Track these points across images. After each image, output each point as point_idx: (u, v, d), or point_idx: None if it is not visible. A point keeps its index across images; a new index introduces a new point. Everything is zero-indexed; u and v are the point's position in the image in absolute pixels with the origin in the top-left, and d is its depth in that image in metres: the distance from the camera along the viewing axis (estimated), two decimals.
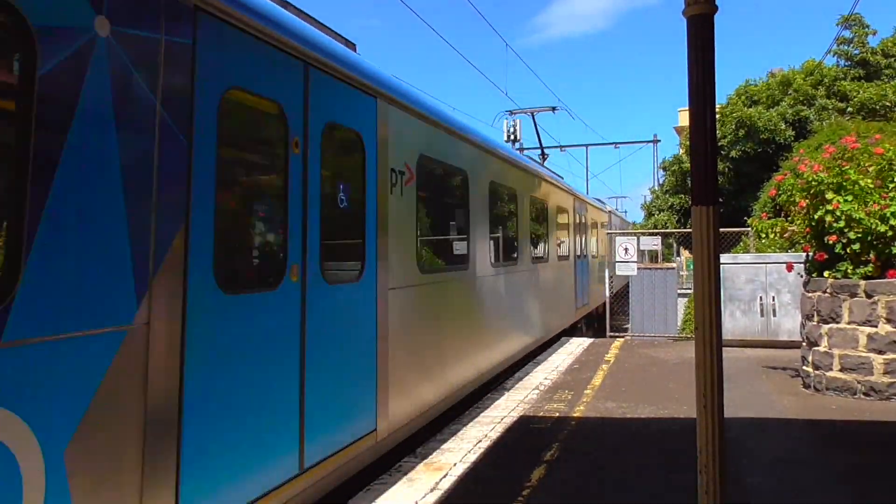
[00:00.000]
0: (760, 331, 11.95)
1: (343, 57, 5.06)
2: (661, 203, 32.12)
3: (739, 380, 8.81)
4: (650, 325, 13.67)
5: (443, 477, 5.26)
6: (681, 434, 6.33)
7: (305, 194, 4.41)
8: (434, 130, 6.85)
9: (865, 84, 26.03)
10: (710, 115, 2.80)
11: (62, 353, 2.73)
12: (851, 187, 7.87)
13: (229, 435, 3.60)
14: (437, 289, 6.86)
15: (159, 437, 3.16)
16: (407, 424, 5.90)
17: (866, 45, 27.78)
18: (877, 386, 7.56)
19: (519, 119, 23.76)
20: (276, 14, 4.25)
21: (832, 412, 7.19)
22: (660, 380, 9.05)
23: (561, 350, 12.01)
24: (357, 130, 5.27)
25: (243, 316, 3.77)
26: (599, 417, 7.07)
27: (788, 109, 25.68)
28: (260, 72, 4.03)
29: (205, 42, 3.53)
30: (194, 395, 3.37)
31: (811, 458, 5.63)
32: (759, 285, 11.97)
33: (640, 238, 15.57)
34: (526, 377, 9.41)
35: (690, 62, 2.81)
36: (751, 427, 6.53)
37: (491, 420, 7.01)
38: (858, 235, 7.71)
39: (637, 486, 5.01)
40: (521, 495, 4.82)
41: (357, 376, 5.03)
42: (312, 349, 4.39)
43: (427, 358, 6.48)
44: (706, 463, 2.77)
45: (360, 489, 5.06)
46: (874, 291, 7.62)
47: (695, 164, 2.84)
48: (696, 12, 2.80)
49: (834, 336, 7.86)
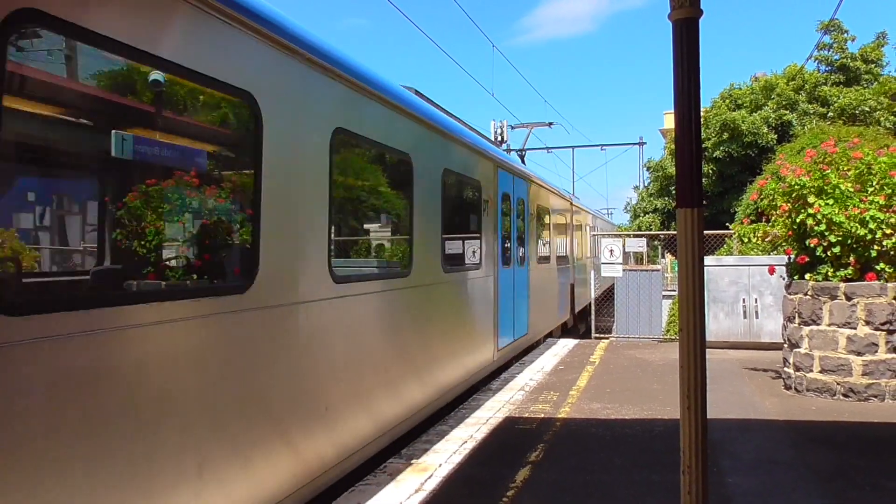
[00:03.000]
0: (743, 332, 12.08)
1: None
2: (646, 205, 32.38)
3: (722, 381, 8.89)
4: (635, 326, 13.75)
5: (428, 478, 5.26)
6: (664, 435, 6.38)
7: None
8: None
9: (846, 89, 26.43)
10: (695, 117, 2.82)
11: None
12: (832, 191, 7.98)
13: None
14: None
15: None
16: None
17: (846, 50, 28.24)
18: (855, 387, 7.67)
19: (506, 120, 23.83)
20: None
21: (812, 413, 7.28)
22: (644, 381, 9.11)
23: (547, 351, 12.05)
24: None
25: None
26: (584, 418, 7.11)
27: (771, 113, 26.00)
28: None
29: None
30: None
31: (791, 458, 5.69)
32: (742, 287, 12.10)
33: (625, 240, 15.66)
34: (512, 378, 9.44)
35: (676, 65, 2.83)
36: (733, 428, 6.60)
37: (477, 421, 7.02)
38: (839, 239, 7.82)
39: (621, 487, 5.04)
40: (505, 496, 4.83)
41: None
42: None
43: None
44: (689, 463, 2.79)
45: (346, 489, 5.05)
46: (854, 294, 7.73)
47: (680, 166, 2.86)
48: (681, 16, 2.82)
49: (814, 338, 7.96)
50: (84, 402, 2.85)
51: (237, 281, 4.02)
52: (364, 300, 5.54)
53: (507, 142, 23.90)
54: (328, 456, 4.77)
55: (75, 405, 2.82)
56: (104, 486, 2.94)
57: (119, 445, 3.02)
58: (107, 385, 2.97)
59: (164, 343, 3.31)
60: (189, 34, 3.54)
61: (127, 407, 3.06)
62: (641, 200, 33.65)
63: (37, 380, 2.67)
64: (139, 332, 3.17)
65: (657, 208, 31.10)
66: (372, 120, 5.74)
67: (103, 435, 2.94)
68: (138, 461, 3.12)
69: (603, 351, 12.11)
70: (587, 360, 10.96)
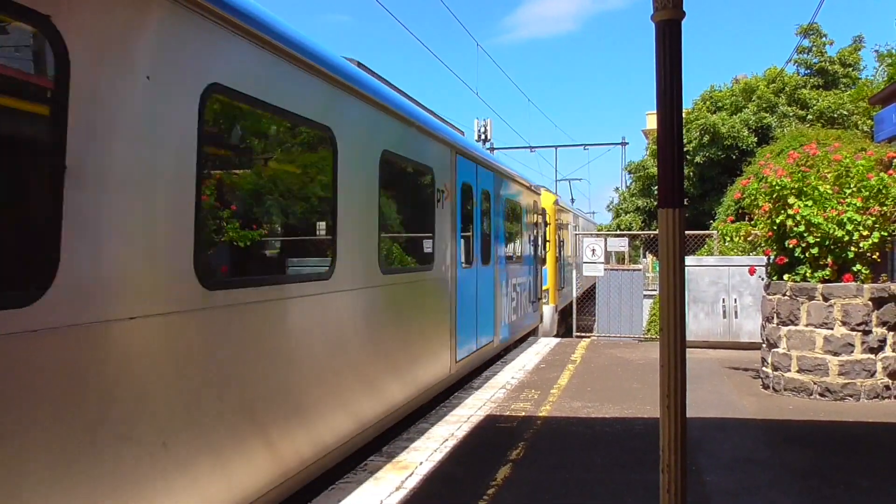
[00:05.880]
0: (723, 332, 12.20)
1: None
2: (627, 205, 32.62)
3: (702, 380, 8.97)
4: (616, 325, 13.85)
5: (409, 475, 5.25)
6: (644, 433, 6.42)
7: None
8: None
9: (824, 92, 26.83)
10: (677, 118, 2.83)
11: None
12: (812, 192, 8.09)
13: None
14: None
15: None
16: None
17: (824, 54, 28.67)
18: (832, 387, 7.78)
19: (490, 119, 23.88)
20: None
21: (789, 412, 7.38)
22: (625, 380, 9.17)
23: (528, 350, 12.09)
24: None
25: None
26: (565, 417, 7.14)
27: (752, 116, 26.32)
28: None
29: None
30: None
31: (769, 457, 5.76)
32: (722, 287, 12.22)
33: (607, 239, 15.77)
34: (494, 376, 9.45)
35: (658, 66, 2.84)
36: (712, 427, 6.66)
37: (458, 419, 7.01)
38: (817, 240, 7.92)
39: (601, 485, 5.06)
40: (486, 494, 4.84)
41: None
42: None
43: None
44: (669, 462, 2.80)
45: (326, 487, 5.02)
46: (831, 295, 7.84)
47: (661, 167, 2.87)
48: (664, 17, 2.83)
49: (792, 338, 8.06)
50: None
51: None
52: (255, 312, 4.14)
53: (491, 140, 23.95)
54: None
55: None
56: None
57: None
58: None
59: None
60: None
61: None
62: (623, 201, 33.91)
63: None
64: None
65: (639, 207, 31.37)
66: (264, 74, 4.31)
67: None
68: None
69: (584, 350, 12.17)
70: (568, 359, 11.00)
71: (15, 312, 2.58)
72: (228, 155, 4.44)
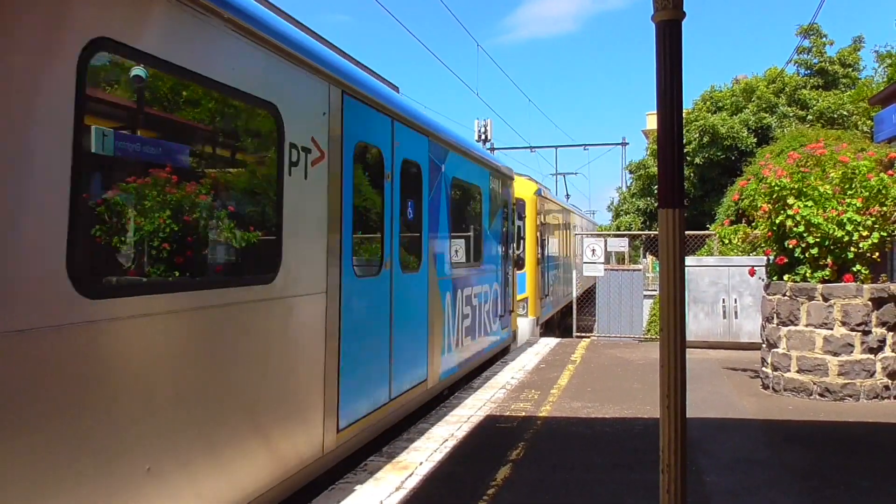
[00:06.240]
0: (723, 332, 12.20)
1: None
2: (628, 206, 32.64)
3: (702, 381, 8.97)
4: (616, 325, 13.85)
5: (409, 476, 5.25)
6: (644, 433, 6.43)
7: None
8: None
9: (824, 93, 26.84)
10: (677, 118, 2.84)
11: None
12: (811, 193, 8.09)
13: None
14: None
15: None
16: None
17: (824, 54, 28.70)
18: (831, 387, 7.78)
19: (490, 119, 23.90)
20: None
21: (789, 412, 7.38)
22: (625, 380, 9.17)
23: (529, 350, 12.09)
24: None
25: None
26: (565, 417, 7.14)
27: (751, 116, 26.32)
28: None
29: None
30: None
31: (768, 457, 5.76)
32: (722, 288, 12.22)
33: (607, 239, 15.77)
34: (494, 376, 9.45)
35: (658, 66, 2.85)
36: (711, 427, 6.66)
37: (458, 419, 7.02)
38: (817, 240, 7.92)
39: (601, 485, 5.07)
40: (486, 494, 4.84)
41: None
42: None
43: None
44: (669, 462, 2.81)
45: (325, 488, 5.02)
46: (830, 295, 7.84)
47: (662, 167, 2.88)
48: (664, 18, 2.84)
49: (792, 338, 8.06)
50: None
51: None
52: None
53: (492, 140, 23.96)
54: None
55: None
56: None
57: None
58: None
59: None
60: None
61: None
62: (623, 201, 33.94)
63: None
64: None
65: (639, 208, 31.38)
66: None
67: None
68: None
69: (584, 350, 12.17)
70: (568, 359, 11.01)
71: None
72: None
